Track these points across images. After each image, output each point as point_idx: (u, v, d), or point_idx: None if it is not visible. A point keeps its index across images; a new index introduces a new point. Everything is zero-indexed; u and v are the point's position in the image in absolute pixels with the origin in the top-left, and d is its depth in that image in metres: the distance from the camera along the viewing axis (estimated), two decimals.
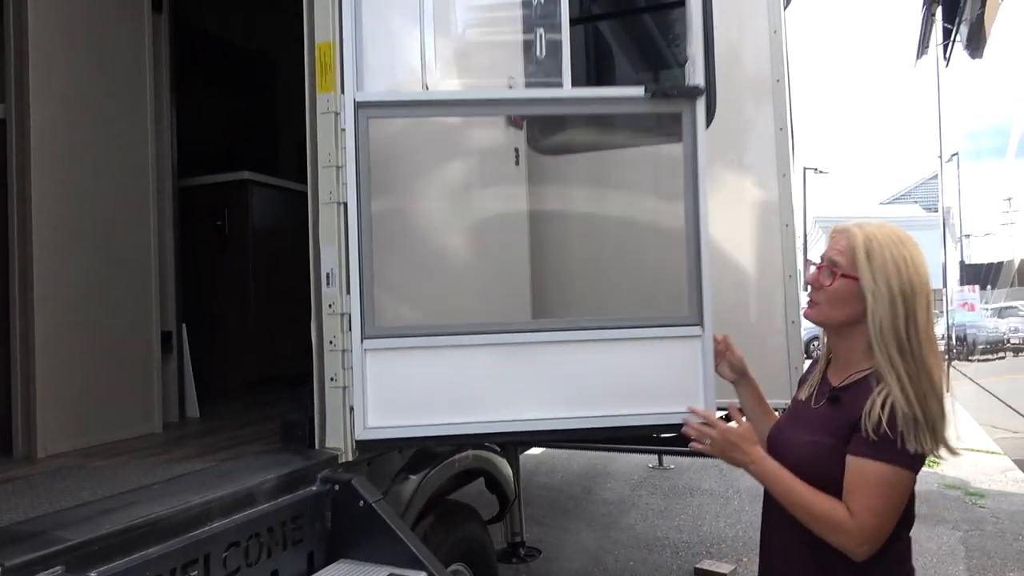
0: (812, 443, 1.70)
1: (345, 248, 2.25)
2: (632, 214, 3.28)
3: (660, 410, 2.25)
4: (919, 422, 1.56)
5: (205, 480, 1.95)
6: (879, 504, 1.57)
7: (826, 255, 1.74)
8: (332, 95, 2.25)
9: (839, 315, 1.71)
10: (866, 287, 1.63)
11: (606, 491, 6.85)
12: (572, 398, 2.30)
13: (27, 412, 2.59)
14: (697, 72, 2.41)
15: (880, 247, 1.64)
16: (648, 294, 3.18)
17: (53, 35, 2.69)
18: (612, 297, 3.27)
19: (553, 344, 2.33)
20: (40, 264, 2.61)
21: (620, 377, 2.29)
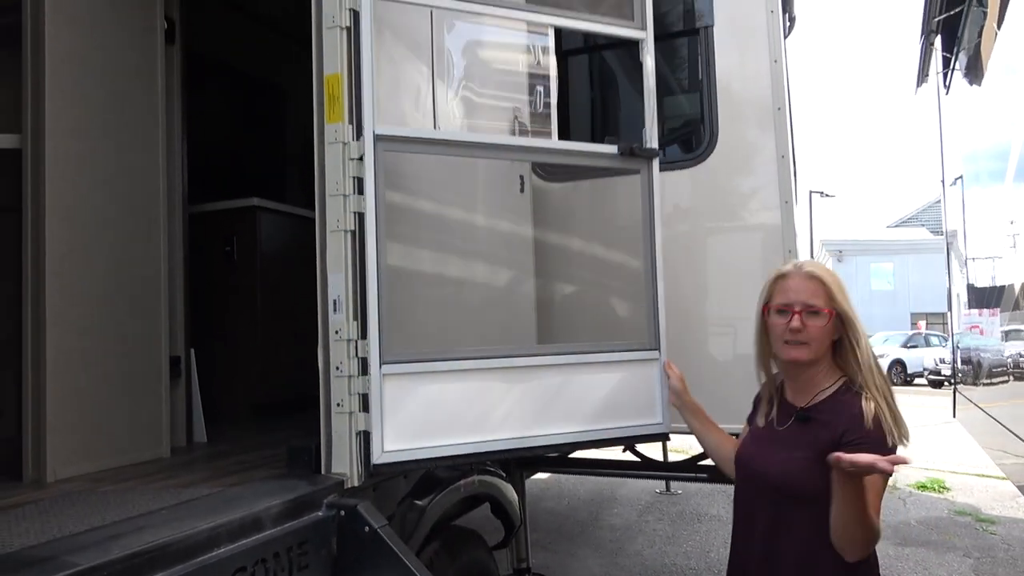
0: (791, 459, 1.86)
1: (353, 275, 2.28)
2: (632, 240, 3.30)
3: (632, 423, 2.63)
4: (900, 424, 1.80)
5: (212, 505, 1.97)
6: (879, 504, 1.75)
7: (797, 301, 1.91)
8: (340, 125, 2.30)
9: (824, 348, 1.92)
10: (847, 317, 1.89)
11: (613, 516, 6.81)
12: (563, 414, 2.54)
13: (37, 437, 2.61)
14: (652, 136, 2.77)
15: (837, 280, 1.92)
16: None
17: (69, 66, 2.76)
18: (612, 321, 3.30)
19: (549, 367, 2.57)
20: (52, 290, 2.65)
21: (599, 394, 2.61)
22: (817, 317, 1.89)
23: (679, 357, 2.90)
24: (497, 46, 2.66)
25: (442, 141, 2.50)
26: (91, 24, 2.87)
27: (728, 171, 3.12)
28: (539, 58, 2.68)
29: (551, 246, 3.32)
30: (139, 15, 3.11)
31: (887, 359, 23.39)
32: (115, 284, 2.89)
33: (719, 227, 3.18)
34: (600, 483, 7.80)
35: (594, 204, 3.37)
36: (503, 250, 3.03)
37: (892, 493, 7.68)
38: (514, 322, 3.07)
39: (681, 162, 3.26)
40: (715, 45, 3.14)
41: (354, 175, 2.29)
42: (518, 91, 2.73)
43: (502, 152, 2.67)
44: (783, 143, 2.98)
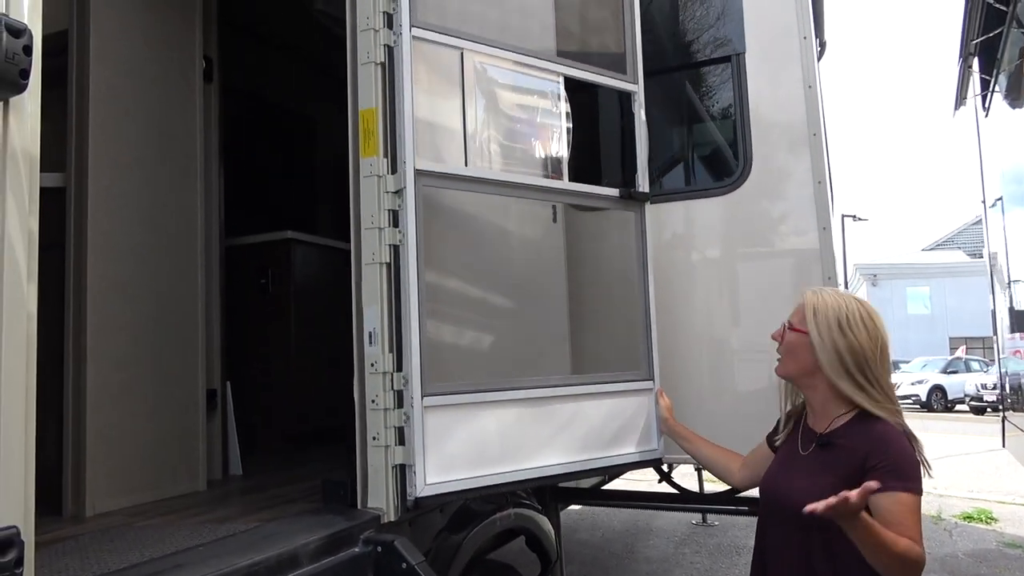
0: (815, 485, 1.83)
1: (388, 308, 2.28)
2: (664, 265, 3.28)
3: (633, 449, 2.80)
4: (919, 449, 1.88)
5: (250, 542, 1.96)
6: (919, 528, 1.77)
7: (787, 320, 2.05)
8: (375, 159, 2.32)
9: (794, 366, 2.01)
10: (815, 341, 1.93)
11: (649, 548, 6.68)
12: (580, 442, 2.68)
13: (76, 471, 2.64)
14: (644, 181, 2.98)
15: (825, 306, 1.95)
16: (678, 343, 3.16)
17: (111, 106, 2.83)
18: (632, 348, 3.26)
19: (576, 397, 2.70)
20: (93, 325, 2.69)
21: (608, 421, 2.77)
22: (793, 334, 2.01)
23: (713, 387, 2.86)
24: (518, 89, 2.70)
25: (475, 179, 2.53)
26: (132, 64, 2.94)
27: (763, 198, 3.09)
28: (555, 102, 2.77)
29: (583, 274, 3.30)
30: (178, 54, 3.18)
31: (926, 385, 22.87)
32: (154, 317, 2.93)
33: (754, 254, 3.14)
34: (635, 514, 7.67)
35: (623, 232, 3.36)
36: (537, 279, 3.01)
37: (937, 524, 7.44)
38: (548, 352, 3.04)
39: (714, 190, 3.23)
40: (747, 72, 3.12)
41: (389, 208, 2.30)
42: (536, 133, 2.78)
43: (527, 192, 2.73)
44: (820, 168, 2.94)
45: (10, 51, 1.21)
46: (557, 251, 3.16)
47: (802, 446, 2.02)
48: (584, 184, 2.85)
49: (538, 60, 2.68)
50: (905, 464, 1.81)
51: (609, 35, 2.99)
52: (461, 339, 2.48)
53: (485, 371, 2.58)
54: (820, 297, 1.99)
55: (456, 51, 2.50)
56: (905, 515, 1.75)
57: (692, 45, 3.55)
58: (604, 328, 3.29)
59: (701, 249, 3.24)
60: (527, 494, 3.24)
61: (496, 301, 2.68)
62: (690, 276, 3.23)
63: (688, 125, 3.96)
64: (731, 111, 3.25)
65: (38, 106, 1.36)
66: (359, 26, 2.36)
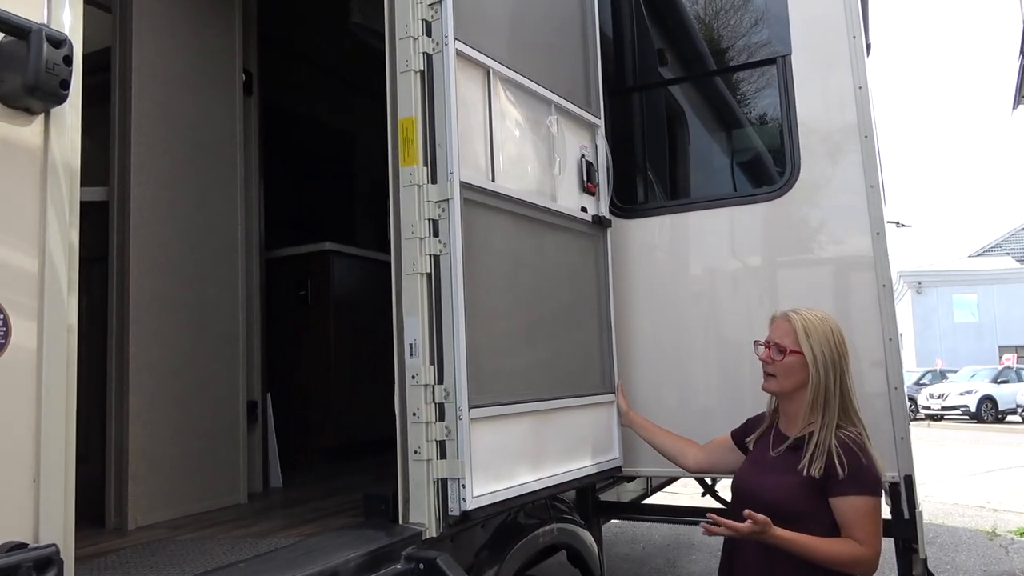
0: (783, 482, 2.13)
1: (429, 319, 2.24)
2: (708, 275, 3.21)
3: (598, 460, 2.94)
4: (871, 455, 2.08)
5: (291, 558, 1.92)
6: (876, 528, 2.04)
7: (770, 339, 2.25)
8: (415, 168, 2.28)
9: (790, 383, 2.21)
10: (809, 360, 2.14)
11: (691, 564, 6.53)
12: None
13: (119, 484, 2.64)
14: (603, 206, 3.14)
15: (814, 326, 2.17)
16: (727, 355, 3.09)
17: (153, 120, 2.85)
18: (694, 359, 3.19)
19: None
20: (136, 338, 2.70)
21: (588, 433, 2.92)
22: (780, 354, 2.20)
23: (763, 399, 2.77)
24: (526, 111, 2.75)
25: (504, 197, 2.53)
26: (174, 79, 2.96)
27: (812, 203, 2.99)
28: (558, 128, 2.87)
29: (625, 282, 3.24)
30: (219, 68, 3.21)
31: (975, 395, 22.21)
32: (196, 330, 2.93)
33: (803, 262, 3.04)
34: (676, 528, 7.51)
35: (674, 240, 3.29)
36: (579, 289, 2.96)
37: (992, 540, 7.18)
38: (582, 362, 2.99)
39: (760, 195, 3.14)
40: (794, 74, 3.03)
41: (429, 217, 2.27)
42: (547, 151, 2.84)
43: (542, 214, 2.77)
44: (872, 172, 2.84)
45: (51, 61, 1.20)
46: (600, 260, 3.12)
47: (772, 447, 2.26)
48: (567, 206, 2.92)
49: (538, 87, 2.79)
50: (861, 471, 2.04)
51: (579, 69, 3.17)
52: (498, 350, 2.44)
53: (522, 382, 2.54)
54: (805, 317, 2.20)
55: (483, 68, 2.49)
56: (857, 518, 2.02)
57: (735, 48, 3.48)
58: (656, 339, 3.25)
59: (743, 256, 3.16)
60: (569, 508, 3.17)
61: (527, 311, 2.63)
62: (735, 283, 3.15)
63: (733, 129, 3.88)
64: (777, 114, 3.16)
65: (78, 118, 1.35)
66: (398, 34, 2.34)
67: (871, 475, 2.06)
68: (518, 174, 2.65)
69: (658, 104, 3.80)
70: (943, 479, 10.52)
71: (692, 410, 3.15)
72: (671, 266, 3.29)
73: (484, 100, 2.51)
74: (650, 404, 3.18)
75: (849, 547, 2.02)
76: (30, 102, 1.24)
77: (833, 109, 2.96)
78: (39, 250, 1.28)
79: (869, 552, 2.02)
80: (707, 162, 4.13)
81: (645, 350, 3.25)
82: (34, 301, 1.26)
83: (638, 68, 3.65)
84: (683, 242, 3.28)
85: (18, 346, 1.23)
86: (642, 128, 3.74)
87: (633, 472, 3.25)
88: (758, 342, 2.31)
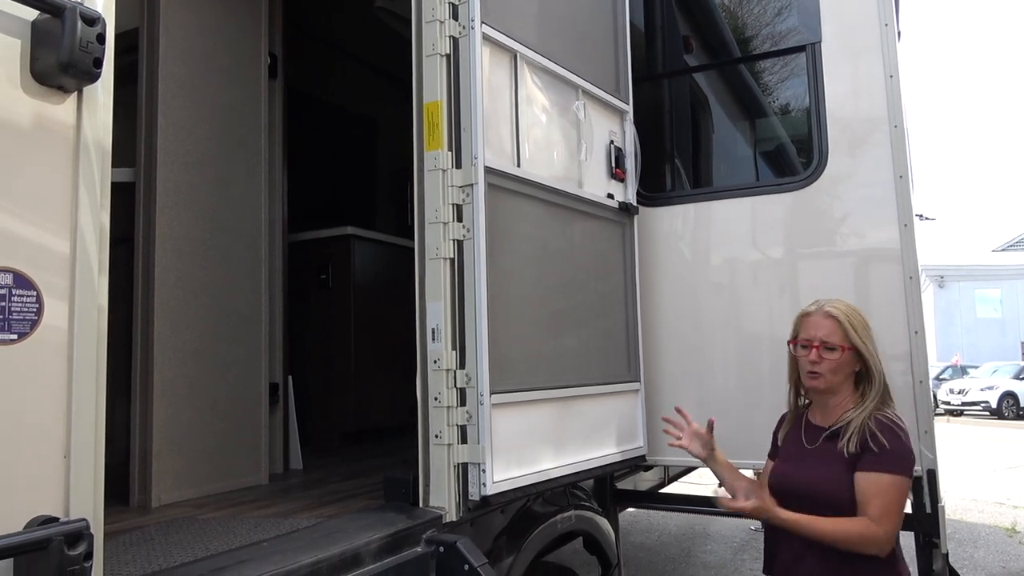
0: (829, 472, 2.07)
1: (452, 304, 2.24)
2: (731, 264, 3.19)
3: (622, 448, 2.95)
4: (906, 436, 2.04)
5: (313, 538, 1.94)
6: (893, 509, 1.98)
7: (815, 337, 2.14)
8: (439, 153, 2.28)
9: (839, 380, 2.14)
10: (864, 352, 2.11)
11: (706, 554, 6.53)
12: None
13: (143, 463, 2.67)
14: (630, 192, 3.14)
15: (852, 318, 2.12)
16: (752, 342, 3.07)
17: (180, 102, 2.86)
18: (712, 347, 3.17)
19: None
20: (160, 319, 2.72)
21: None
22: (832, 352, 2.12)
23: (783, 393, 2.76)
24: (558, 94, 2.74)
25: (534, 183, 2.52)
26: (200, 61, 2.97)
27: (839, 193, 2.95)
28: (585, 114, 2.86)
29: (651, 270, 3.23)
30: (244, 51, 3.21)
31: (996, 391, 21.94)
32: (219, 312, 2.95)
33: (828, 252, 3.01)
34: (691, 518, 7.51)
35: (697, 229, 3.27)
36: (605, 276, 2.95)
37: (1012, 537, 7.11)
38: (612, 351, 2.98)
39: (788, 185, 3.10)
40: (823, 62, 2.99)
41: (453, 202, 2.26)
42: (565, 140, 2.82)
43: (568, 200, 2.76)
44: (901, 162, 2.80)
45: (84, 39, 1.20)
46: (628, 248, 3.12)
47: (807, 440, 2.20)
48: (594, 192, 2.90)
49: (565, 72, 2.78)
50: (890, 449, 2.00)
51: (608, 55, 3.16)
52: (521, 336, 2.44)
53: (545, 368, 2.54)
54: (842, 310, 2.15)
55: (509, 52, 2.47)
56: (875, 493, 1.97)
57: (763, 36, 3.43)
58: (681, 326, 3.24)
59: (768, 246, 3.13)
60: (587, 496, 3.18)
61: (551, 297, 2.63)
62: (757, 274, 3.12)
63: (759, 119, 3.84)
64: (803, 104, 3.12)
65: (110, 97, 1.35)
66: (424, 17, 2.33)
67: (899, 454, 2.01)
68: (544, 160, 2.63)
69: (684, 92, 3.76)
70: (962, 475, 10.42)
71: (711, 401, 3.14)
72: (695, 255, 3.27)
73: (510, 84, 2.49)
74: (671, 394, 3.17)
75: (858, 524, 1.97)
76: (64, 80, 1.24)
77: (863, 98, 2.92)
78: (71, 230, 1.29)
79: (878, 530, 1.95)
80: (733, 151, 4.09)
81: (668, 339, 3.23)
82: (66, 281, 1.27)
83: (666, 55, 3.62)
84: (706, 231, 3.26)
85: (50, 325, 1.24)
86: (669, 116, 3.71)
87: (657, 461, 3.24)
88: (797, 342, 2.20)
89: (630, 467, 3.27)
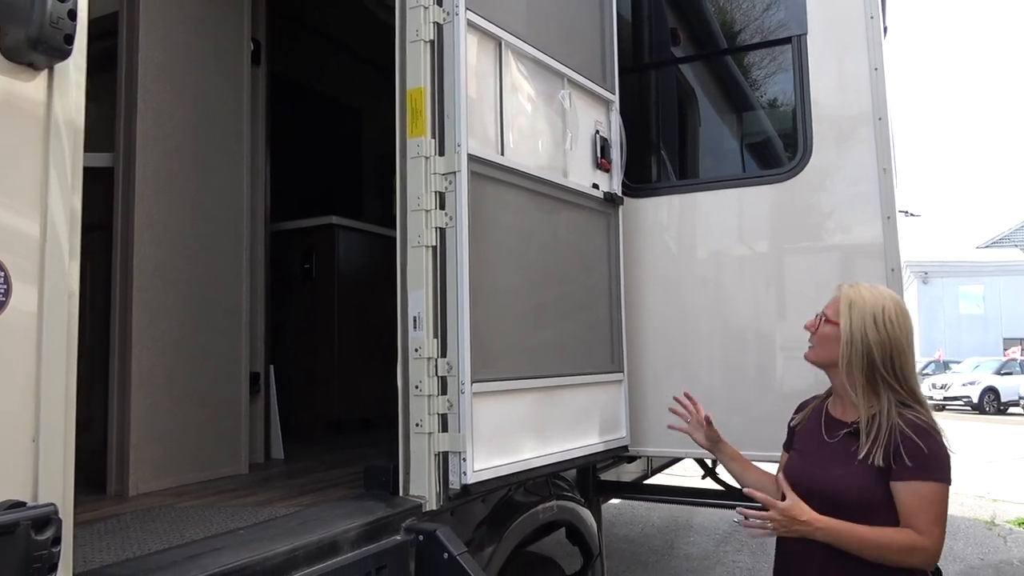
0: (850, 472, 1.92)
1: (434, 292, 2.23)
2: (715, 256, 3.19)
3: (605, 438, 2.95)
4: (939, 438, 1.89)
5: (290, 527, 1.92)
6: (939, 518, 1.84)
7: (824, 311, 2.08)
8: (423, 140, 2.26)
9: (824, 354, 2.05)
10: (842, 330, 1.97)
11: (689, 545, 6.56)
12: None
13: (121, 451, 2.64)
14: (616, 183, 3.11)
15: (861, 301, 1.97)
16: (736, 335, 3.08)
17: (160, 87, 2.82)
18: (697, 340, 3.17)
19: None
20: (139, 307, 2.69)
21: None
22: (827, 325, 2.05)
23: (765, 386, 2.77)
24: (543, 83, 2.73)
25: (518, 172, 2.50)
26: (181, 45, 2.93)
27: (823, 185, 2.96)
28: (570, 103, 2.85)
29: (637, 262, 3.22)
30: (227, 36, 3.17)
31: (978, 386, 22.19)
32: (199, 301, 2.92)
33: (811, 244, 3.01)
34: (674, 510, 7.54)
35: (683, 220, 3.27)
36: (589, 266, 2.95)
37: (991, 529, 7.20)
38: (595, 342, 2.98)
39: (770, 176, 3.10)
40: (808, 54, 2.99)
41: (436, 190, 2.24)
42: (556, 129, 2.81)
43: (554, 189, 2.74)
44: (885, 155, 2.80)
45: (54, 15, 1.17)
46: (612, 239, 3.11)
47: (827, 434, 2.06)
48: (579, 182, 2.88)
49: (551, 60, 2.75)
50: (927, 455, 1.85)
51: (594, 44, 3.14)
52: (504, 325, 2.43)
53: (527, 358, 2.53)
54: (857, 291, 2.02)
55: (494, 40, 2.46)
56: (919, 505, 1.83)
57: (750, 28, 3.43)
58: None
59: (752, 238, 3.13)
60: (570, 486, 3.18)
61: (535, 287, 2.62)
62: (742, 265, 3.13)
63: (743, 108, 3.84)
64: (789, 97, 3.12)
65: (83, 76, 1.32)
66: (408, 3, 2.30)
67: (937, 459, 1.86)
68: (529, 148, 2.62)
69: (671, 84, 3.75)
70: None
71: (695, 393, 3.13)
72: (679, 246, 3.27)
73: (495, 72, 2.47)
74: (655, 386, 3.17)
75: (905, 535, 1.83)
76: (33, 57, 1.21)
77: (848, 90, 2.92)
78: (41, 213, 1.26)
79: (928, 542, 1.82)
80: (718, 144, 4.09)
81: (652, 330, 3.23)
82: (35, 265, 1.24)
83: (653, 46, 3.61)
84: (691, 222, 3.26)
85: (17, 309, 1.21)
86: (655, 107, 3.70)
87: (640, 452, 3.25)
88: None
89: (613, 458, 3.27)
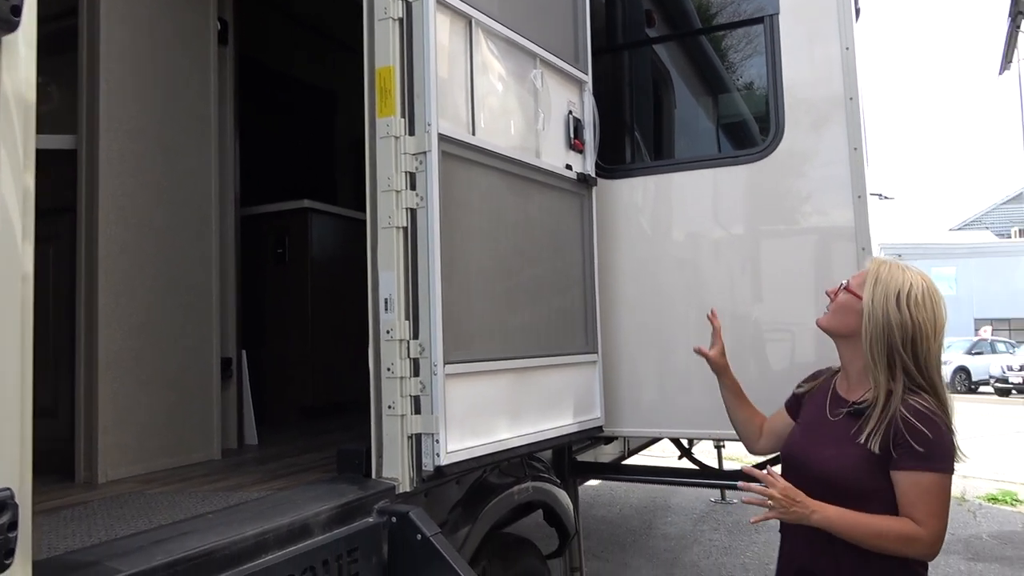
0: (844, 454, 1.88)
1: (405, 273, 2.21)
2: (693, 237, 3.19)
3: (579, 419, 2.93)
4: (952, 431, 1.85)
5: (260, 510, 1.90)
6: (940, 509, 1.79)
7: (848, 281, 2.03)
8: (392, 119, 2.23)
9: (837, 322, 2.01)
10: (864, 304, 1.91)
11: (667, 525, 6.63)
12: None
13: (89, 438, 2.60)
14: (589, 164, 3.09)
15: (888, 278, 1.91)
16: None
17: (123, 67, 2.76)
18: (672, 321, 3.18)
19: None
20: (105, 290, 2.64)
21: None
22: (846, 294, 2.00)
23: (741, 367, 2.78)
24: (515, 62, 2.70)
25: (485, 151, 2.48)
26: (145, 24, 2.86)
27: (795, 165, 2.97)
28: (543, 83, 2.82)
29: (609, 243, 3.22)
30: (192, 16, 3.10)
31: (950, 366, 22.55)
32: (167, 285, 2.88)
33: (785, 225, 3.03)
34: (652, 491, 7.62)
35: (658, 201, 3.27)
36: (563, 247, 2.93)
37: (962, 505, 7.35)
38: (569, 323, 2.98)
39: (743, 157, 3.11)
40: (780, 34, 2.99)
41: (406, 170, 2.22)
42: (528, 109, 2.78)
43: (527, 170, 2.71)
44: (856, 135, 2.81)
45: None
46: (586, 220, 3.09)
47: (830, 411, 2.01)
48: (551, 162, 2.86)
49: (523, 39, 2.71)
50: (930, 444, 1.79)
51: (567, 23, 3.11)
52: (476, 306, 2.42)
53: (501, 339, 2.52)
54: (886, 268, 1.95)
55: (465, 18, 2.42)
56: (919, 495, 1.78)
57: (722, 6, 3.42)
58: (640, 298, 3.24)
59: (726, 220, 3.13)
60: (546, 468, 3.18)
61: (508, 268, 2.60)
62: (717, 245, 3.13)
63: (717, 90, 3.83)
64: (763, 74, 3.11)
65: (33, 50, 1.28)
66: None
67: (940, 448, 1.80)
68: (500, 128, 2.60)
69: (645, 65, 3.74)
70: None
71: (672, 374, 3.15)
72: (654, 228, 3.27)
73: (466, 51, 2.44)
74: (630, 366, 3.18)
75: (903, 524, 1.78)
76: None
77: (819, 70, 2.92)
78: None
79: (925, 533, 1.77)
80: (692, 125, 4.09)
81: (627, 312, 3.23)
82: None
83: (627, 27, 3.59)
84: (666, 204, 3.26)
85: None
86: (629, 88, 3.69)
87: (615, 432, 3.26)
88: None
89: (588, 439, 3.28)
